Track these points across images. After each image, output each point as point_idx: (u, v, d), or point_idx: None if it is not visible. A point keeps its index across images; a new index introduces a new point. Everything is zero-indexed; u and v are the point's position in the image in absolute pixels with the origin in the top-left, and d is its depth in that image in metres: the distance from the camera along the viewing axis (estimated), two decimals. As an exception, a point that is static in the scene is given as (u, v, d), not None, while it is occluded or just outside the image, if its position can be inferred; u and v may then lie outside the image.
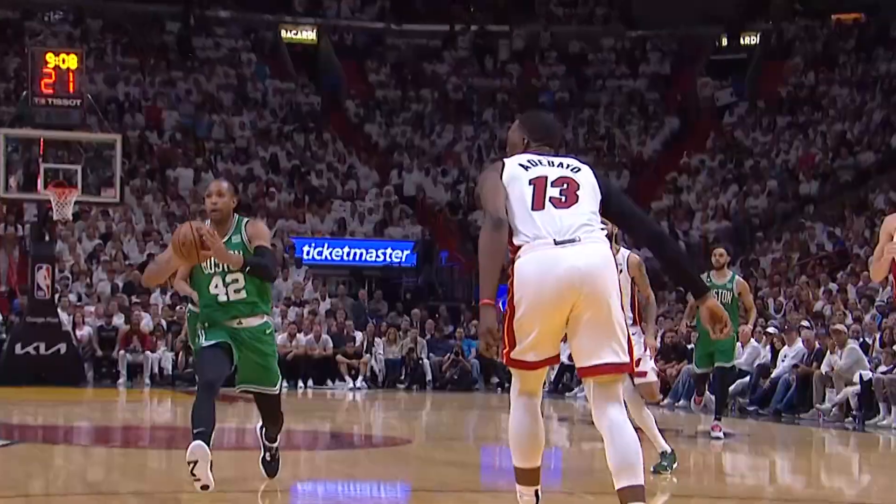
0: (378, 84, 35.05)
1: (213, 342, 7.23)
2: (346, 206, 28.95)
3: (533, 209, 5.28)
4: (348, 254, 27.60)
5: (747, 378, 17.83)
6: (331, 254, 27.37)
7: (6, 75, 30.54)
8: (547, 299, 5.17)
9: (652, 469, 8.78)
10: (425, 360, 22.91)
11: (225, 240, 7.25)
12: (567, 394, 21.11)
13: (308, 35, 36.28)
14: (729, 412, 13.77)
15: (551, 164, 5.45)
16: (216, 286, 7.29)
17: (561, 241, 5.21)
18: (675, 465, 9.19)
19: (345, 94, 34.44)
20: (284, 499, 7.22)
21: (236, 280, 7.23)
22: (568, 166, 5.46)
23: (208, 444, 6.90)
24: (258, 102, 32.78)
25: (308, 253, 27.06)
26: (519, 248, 5.26)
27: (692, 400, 13.72)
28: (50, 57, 21.30)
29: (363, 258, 27.70)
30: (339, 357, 22.32)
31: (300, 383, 21.55)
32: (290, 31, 36.14)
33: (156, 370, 21.52)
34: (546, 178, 5.37)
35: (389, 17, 36.83)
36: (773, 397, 17.48)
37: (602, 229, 5.37)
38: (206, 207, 7.48)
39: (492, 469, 10.71)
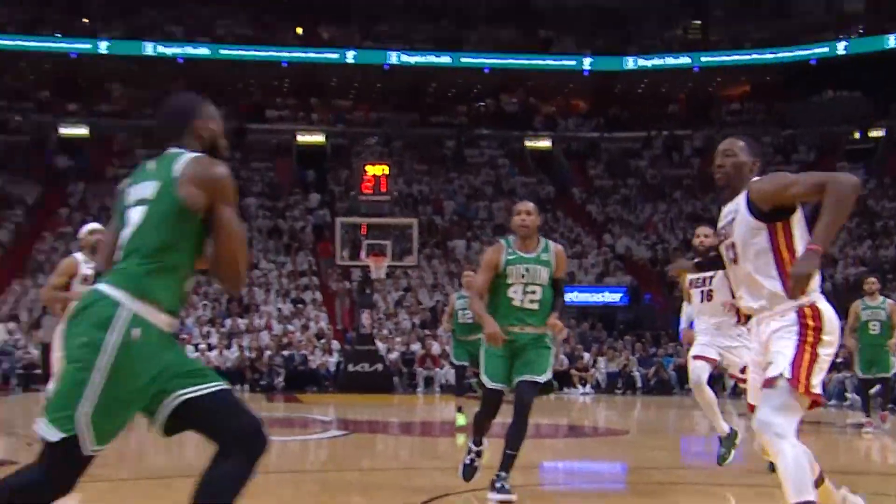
0: (596, 176, 34.82)
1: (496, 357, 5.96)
2: (574, 263, 28.76)
3: None
4: (577, 297, 27.34)
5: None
6: (565, 298, 27.18)
7: (340, 181, 31.90)
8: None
9: (717, 462, 6.85)
10: (635, 372, 22.38)
11: (535, 255, 6.17)
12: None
13: (545, 144, 36.41)
14: (873, 410, 12.74)
15: None
16: (515, 292, 6.04)
17: None
18: (736, 442, 6.79)
19: (572, 184, 34.34)
20: (535, 473, 7.10)
21: (534, 291, 6.07)
22: None
23: (480, 456, 6.07)
24: (510, 192, 33.02)
25: (548, 298, 26.93)
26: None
27: (879, 416, 12.15)
28: (369, 168, 22.13)
29: (588, 300, 27.38)
30: (572, 370, 22.07)
31: (545, 391, 21.37)
32: (532, 142, 36.37)
33: (443, 381, 21.74)
34: None
35: (603, 128, 36.68)
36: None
37: None
38: (514, 225, 6.19)
39: (689, 452, 10.32)
